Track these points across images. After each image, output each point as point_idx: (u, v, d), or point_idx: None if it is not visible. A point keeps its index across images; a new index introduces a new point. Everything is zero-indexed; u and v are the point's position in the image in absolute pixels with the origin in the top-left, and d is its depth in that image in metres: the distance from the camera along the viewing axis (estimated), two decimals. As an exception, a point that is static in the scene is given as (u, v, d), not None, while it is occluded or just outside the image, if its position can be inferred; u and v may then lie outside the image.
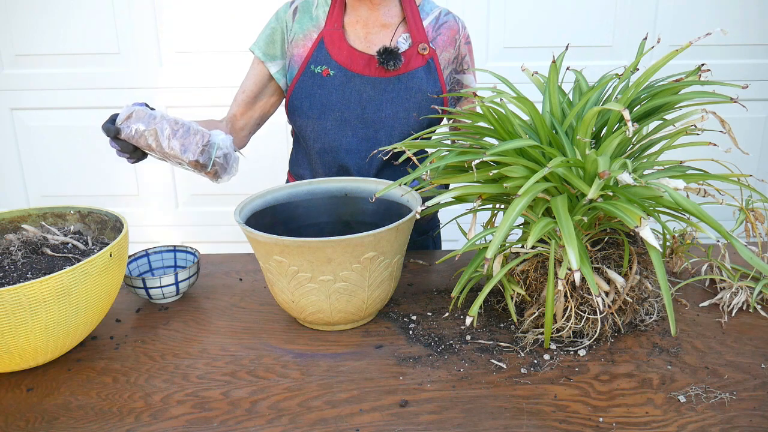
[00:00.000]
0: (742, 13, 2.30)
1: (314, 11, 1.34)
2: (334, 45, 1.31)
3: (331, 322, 1.04)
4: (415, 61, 1.31)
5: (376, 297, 1.03)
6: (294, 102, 1.34)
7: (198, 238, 2.59)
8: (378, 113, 1.32)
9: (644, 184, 0.86)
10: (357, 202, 1.20)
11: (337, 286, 0.98)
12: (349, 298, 1.00)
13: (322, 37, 1.31)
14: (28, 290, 0.85)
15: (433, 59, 1.33)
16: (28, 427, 0.84)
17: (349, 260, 0.96)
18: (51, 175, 2.53)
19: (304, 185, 1.21)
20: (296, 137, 1.46)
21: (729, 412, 0.84)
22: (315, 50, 1.31)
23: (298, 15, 1.34)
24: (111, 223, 1.10)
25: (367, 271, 0.98)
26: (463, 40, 1.38)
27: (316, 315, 1.02)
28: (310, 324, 1.07)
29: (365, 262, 0.97)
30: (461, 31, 1.37)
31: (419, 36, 1.32)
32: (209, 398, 0.89)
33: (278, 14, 1.36)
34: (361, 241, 0.94)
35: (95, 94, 2.41)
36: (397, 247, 1.01)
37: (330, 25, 1.31)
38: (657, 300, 1.11)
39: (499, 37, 2.35)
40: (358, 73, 1.30)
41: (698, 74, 0.97)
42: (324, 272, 0.96)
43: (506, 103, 0.98)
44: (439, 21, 1.36)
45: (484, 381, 0.92)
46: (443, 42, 1.35)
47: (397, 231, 0.97)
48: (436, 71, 1.34)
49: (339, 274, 0.97)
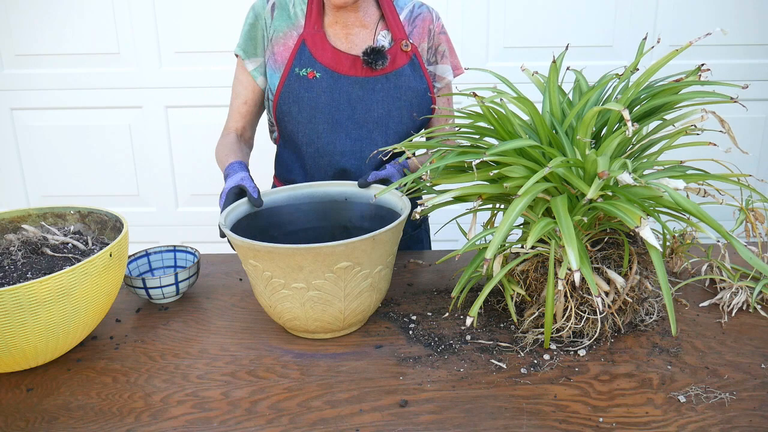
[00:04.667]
0: (742, 13, 2.30)
1: (291, 9, 1.31)
2: (317, 47, 1.29)
3: (309, 329, 1.01)
4: (399, 59, 1.31)
5: (355, 308, 1.00)
6: (282, 107, 1.31)
7: (198, 238, 2.59)
8: (369, 113, 1.31)
9: (644, 184, 0.86)
10: (358, 207, 1.18)
11: (310, 294, 0.95)
12: (325, 307, 0.97)
13: (303, 39, 1.29)
14: (28, 290, 0.85)
15: (416, 55, 1.33)
16: (28, 427, 0.84)
17: (321, 269, 0.93)
18: (51, 175, 2.53)
19: (305, 188, 1.19)
20: (283, 142, 1.42)
21: (729, 412, 0.84)
22: (297, 52, 1.29)
23: (276, 11, 1.31)
24: (111, 223, 1.10)
25: (342, 281, 0.95)
26: (437, 30, 1.37)
27: (293, 322, 1.01)
28: (291, 330, 1.05)
29: (339, 271, 0.93)
30: (435, 20, 1.37)
31: (399, 33, 1.32)
32: (209, 398, 0.89)
33: (255, 9, 1.32)
34: (333, 251, 0.91)
35: (95, 94, 2.41)
36: (376, 258, 0.97)
37: (310, 27, 1.29)
38: (657, 300, 1.11)
39: (499, 37, 2.35)
40: (344, 74, 1.29)
41: (698, 74, 0.97)
42: (296, 279, 0.94)
43: (506, 103, 0.98)
44: (414, 13, 1.36)
45: (484, 381, 0.92)
46: (418, 34, 1.35)
47: (373, 241, 0.93)
48: (420, 66, 1.34)
49: (312, 282, 0.94)
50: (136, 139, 2.47)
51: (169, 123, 2.46)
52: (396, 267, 1.32)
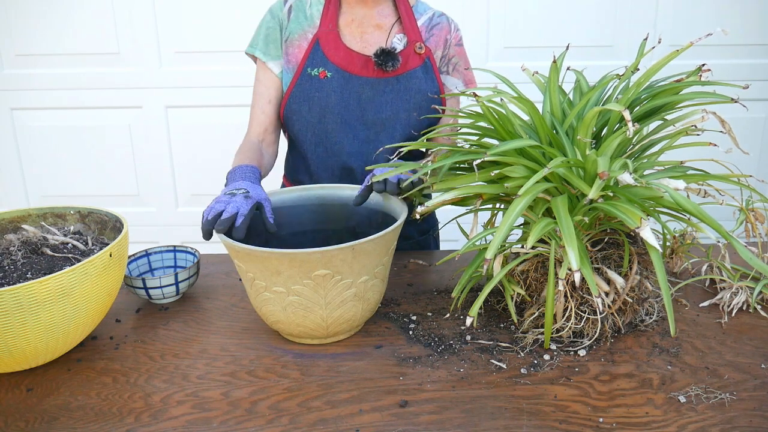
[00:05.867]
0: (742, 13, 2.30)
1: (308, 10, 1.32)
2: (330, 46, 1.29)
3: (293, 333, 1.01)
4: (412, 61, 1.31)
5: (339, 317, 0.98)
6: (292, 106, 1.32)
7: (198, 238, 2.56)
8: (378, 114, 1.31)
9: (645, 184, 0.86)
10: (366, 212, 1.17)
11: (290, 299, 0.95)
12: (305, 313, 0.96)
13: (317, 38, 1.29)
14: (28, 290, 0.85)
15: (429, 58, 1.33)
16: (27, 427, 0.84)
17: (299, 275, 0.92)
18: (51, 175, 2.53)
19: (315, 190, 1.18)
20: (290, 142, 1.42)
21: (729, 412, 0.84)
22: (311, 52, 1.29)
23: (293, 14, 1.32)
24: (111, 223, 1.10)
25: (322, 289, 0.94)
26: (454, 41, 1.37)
27: (277, 325, 1.01)
28: (281, 333, 1.05)
29: (317, 279, 0.92)
30: (453, 32, 1.37)
31: (414, 35, 1.32)
32: (209, 398, 0.89)
33: (273, 11, 1.33)
34: (308, 257, 0.90)
35: (95, 94, 2.41)
36: (359, 268, 0.95)
37: (325, 26, 1.30)
38: (657, 300, 1.11)
39: (499, 37, 2.35)
40: (355, 75, 1.29)
41: (699, 74, 0.97)
42: (276, 283, 0.94)
43: (507, 103, 0.98)
44: (432, 22, 1.36)
45: (484, 381, 0.92)
46: (435, 42, 1.35)
47: (353, 251, 0.91)
48: (433, 70, 1.33)
49: (291, 287, 0.94)
50: (136, 139, 2.47)
51: (169, 123, 2.46)
52: (396, 267, 1.32)
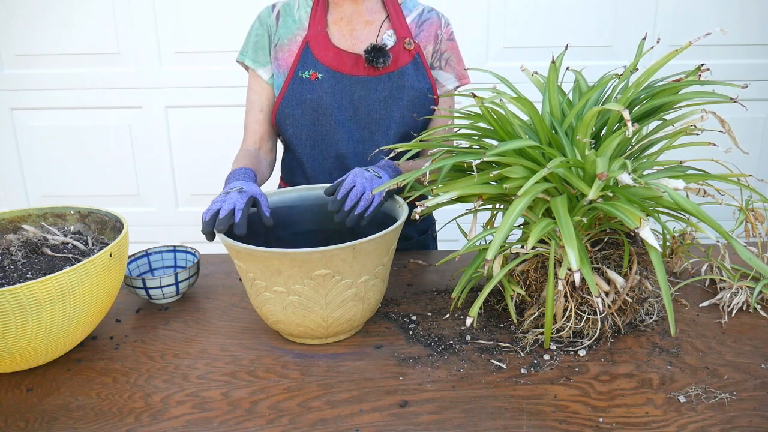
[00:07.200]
0: (742, 13, 2.30)
1: (296, 13, 1.32)
2: (320, 47, 1.29)
3: (293, 333, 1.01)
4: (402, 58, 1.31)
5: (339, 317, 0.98)
6: (285, 110, 1.31)
7: (198, 238, 2.58)
8: (371, 114, 1.31)
9: (644, 184, 0.86)
10: None
11: (291, 299, 0.95)
12: (306, 313, 0.96)
13: (307, 41, 1.29)
14: (28, 290, 0.85)
15: (419, 54, 1.32)
16: (27, 427, 0.84)
17: (299, 275, 0.92)
18: (51, 175, 2.53)
19: (316, 189, 1.18)
20: (286, 146, 1.42)
21: (729, 412, 0.84)
22: (301, 55, 1.29)
23: (281, 19, 1.31)
24: (111, 223, 1.10)
25: (322, 288, 0.94)
26: (446, 36, 1.36)
27: (278, 325, 1.01)
28: (281, 333, 1.05)
29: (318, 279, 0.93)
30: (443, 26, 1.36)
31: (403, 32, 1.31)
32: (209, 398, 0.89)
33: (261, 18, 1.33)
34: (309, 257, 0.90)
35: (95, 94, 2.41)
36: (359, 268, 0.95)
37: (314, 28, 1.29)
38: (657, 300, 1.11)
39: (499, 37, 2.35)
40: (346, 74, 1.28)
41: (698, 74, 0.97)
42: (276, 283, 0.94)
43: (506, 103, 0.98)
44: (422, 17, 1.35)
45: (484, 381, 0.92)
46: (425, 38, 1.35)
47: (353, 251, 0.92)
48: (423, 66, 1.33)
49: (291, 287, 0.94)
50: (136, 139, 2.47)
51: (169, 123, 2.46)
52: (396, 267, 1.32)
